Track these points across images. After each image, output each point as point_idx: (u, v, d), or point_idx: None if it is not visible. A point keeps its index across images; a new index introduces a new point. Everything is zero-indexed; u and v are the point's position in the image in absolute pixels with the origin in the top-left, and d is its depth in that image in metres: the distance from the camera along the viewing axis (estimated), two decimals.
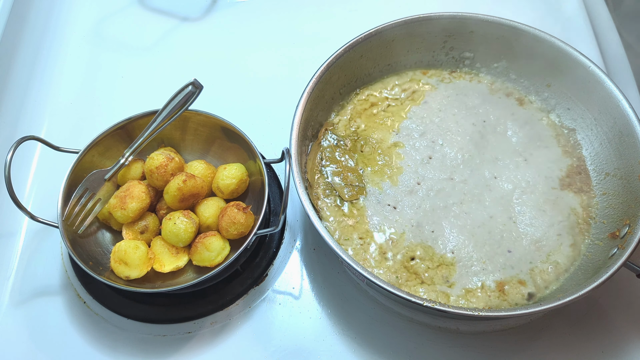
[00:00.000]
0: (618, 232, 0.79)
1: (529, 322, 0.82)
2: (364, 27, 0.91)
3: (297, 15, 1.15)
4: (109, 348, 0.81)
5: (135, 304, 0.83)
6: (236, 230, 0.79)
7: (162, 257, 0.79)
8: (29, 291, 0.86)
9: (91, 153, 0.84)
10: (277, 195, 0.91)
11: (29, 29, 1.10)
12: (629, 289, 0.84)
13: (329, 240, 0.73)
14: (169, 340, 0.82)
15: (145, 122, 0.84)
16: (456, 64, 0.99)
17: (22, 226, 0.91)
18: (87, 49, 1.12)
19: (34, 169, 0.96)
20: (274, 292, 0.85)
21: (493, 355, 0.80)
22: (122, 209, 0.79)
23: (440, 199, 0.87)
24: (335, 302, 0.84)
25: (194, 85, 0.80)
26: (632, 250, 0.72)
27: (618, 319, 0.82)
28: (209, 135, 0.89)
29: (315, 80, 0.86)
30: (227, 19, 1.15)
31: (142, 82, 1.07)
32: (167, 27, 1.14)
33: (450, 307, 0.69)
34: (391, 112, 0.95)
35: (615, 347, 0.81)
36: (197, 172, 0.84)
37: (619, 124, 0.84)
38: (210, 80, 0.86)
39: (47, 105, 1.04)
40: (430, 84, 0.98)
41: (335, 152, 0.91)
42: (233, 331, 0.82)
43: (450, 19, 0.93)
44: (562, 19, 1.10)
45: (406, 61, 0.99)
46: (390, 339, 0.81)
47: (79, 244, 0.79)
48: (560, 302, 0.69)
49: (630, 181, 0.81)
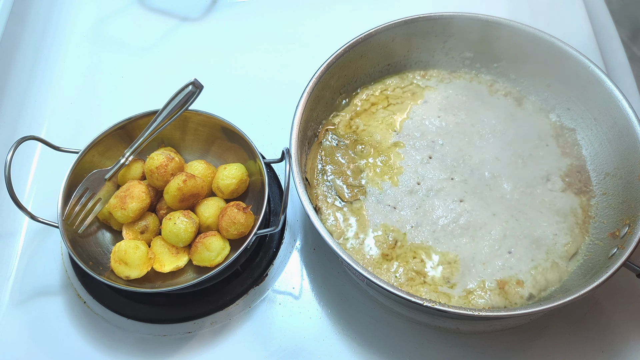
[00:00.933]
0: (618, 232, 0.79)
1: (529, 322, 0.82)
2: (364, 27, 0.91)
3: (297, 15, 1.15)
4: (109, 348, 0.81)
5: (136, 304, 0.83)
6: (236, 230, 0.79)
7: (162, 257, 0.79)
8: (29, 291, 0.86)
9: (91, 153, 0.84)
10: (277, 195, 0.91)
11: (29, 29, 1.10)
12: (628, 289, 0.84)
13: (329, 240, 0.73)
14: (169, 340, 0.82)
15: (145, 122, 0.84)
16: (456, 64, 0.99)
17: (22, 226, 0.91)
18: (87, 49, 1.12)
19: (34, 169, 0.97)
20: (274, 292, 0.85)
21: (493, 355, 0.80)
22: (122, 209, 0.79)
23: (441, 198, 0.87)
24: (335, 302, 0.84)
25: (194, 85, 0.80)
26: (632, 250, 0.72)
27: (618, 319, 0.82)
28: (209, 135, 0.89)
29: (315, 80, 0.86)
30: (227, 19, 1.15)
31: (142, 82, 1.07)
32: (167, 27, 1.14)
33: (450, 307, 0.69)
34: (391, 112, 0.95)
35: (615, 347, 0.81)
36: (197, 172, 0.84)
37: (618, 124, 0.84)
38: (210, 80, 0.86)
39: (47, 105, 1.04)
40: (430, 84, 0.98)
41: (336, 152, 0.91)
42: (233, 331, 0.82)
43: (450, 19, 0.93)
44: (562, 18, 1.10)
45: (406, 61, 0.99)
46: (390, 339, 0.81)
47: (79, 244, 0.79)
48: (560, 302, 0.69)
49: (630, 181, 0.81)
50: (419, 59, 0.99)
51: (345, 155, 0.91)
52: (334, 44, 0.90)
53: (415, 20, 0.93)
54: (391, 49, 0.95)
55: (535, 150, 0.91)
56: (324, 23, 1.13)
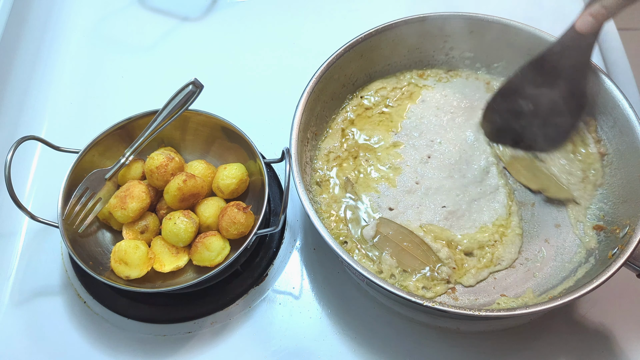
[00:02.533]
0: (619, 230, 0.79)
1: (529, 322, 0.82)
2: (364, 27, 0.91)
3: (297, 15, 1.15)
4: (109, 348, 0.81)
5: (136, 304, 0.83)
6: (236, 230, 0.79)
7: (162, 257, 0.79)
8: (29, 291, 0.86)
9: (91, 153, 0.84)
10: (277, 195, 0.91)
11: (29, 29, 1.10)
12: (628, 289, 0.84)
13: (329, 240, 0.73)
14: (169, 340, 0.82)
15: (145, 122, 0.84)
16: (456, 64, 0.99)
17: (22, 226, 0.91)
18: (87, 48, 1.12)
19: (34, 169, 0.96)
20: (274, 292, 0.85)
21: (493, 355, 0.80)
22: (122, 208, 0.79)
23: (440, 197, 0.87)
24: (335, 302, 0.84)
25: (194, 84, 0.80)
26: (632, 250, 0.72)
27: (618, 319, 0.82)
28: (209, 135, 0.89)
29: (315, 80, 0.86)
30: (227, 19, 1.15)
31: (142, 82, 1.07)
32: (167, 27, 1.14)
33: (450, 307, 0.69)
34: (390, 112, 0.95)
35: (615, 347, 0.81)
36: (197, 172, 0.84)
37: (619, 124, 0.84)
38: (210, 80, 0.86)
39: (47, 105, 1.04)
40: (429, 83, 0.98)
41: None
42: (233, 331, 0.82)
43: (451, 19, 0.93)
44: (562, 19, 1.10)
45: (406, 61, 0.98)
46: (391, 339, 0.81)
47: (79, 244, 0.79)
48: (560, 302, 0.69)
49: (630, 181, 0.81)
50: (419, 59, 0.99)
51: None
52: (334, 43, 0.90)
53: (415, 20, 0.93)
54: (391, 49, 0.95)
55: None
56: (324, 23, 1.13)
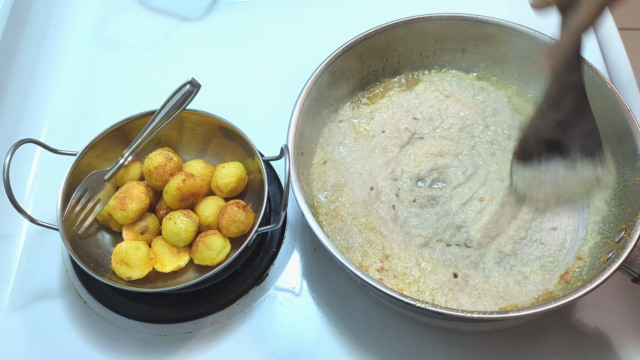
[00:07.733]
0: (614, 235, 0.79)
1: (529, 322, 0.82)
2: (364, 27, 0.91)
3: (297, 15, 1.15)
4: (109, 348, 0.81)
5: (136, 304, 0.83)
6: (237, 229, 0.79)
7: (163, 257, 0.79)
8: (29, 293, 0.85)
9: (89, 155, 0.84)
10: (277, 194, 0.91)
11: (29, 29, 1.10)
12: (624, 294, 0.84)
13: (324, 240, 0.73)
14: (170, 340, 0.82)
15: (142, 122, 0.83)
16: (455, 64, 0.99)
17: (22, 228, 0.91)
18: (87, 49, 1.12)
19: (33, 172, 0.96)
20: (274, 292, 0.85)
21: (493, 355, 0.80)
22: (121, 210, 0.79)
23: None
24: (335, 302, 0.84)
25: (191, 84, 0.80)
26: (627, 255, 0.72)
27: (616, 321, 0.82)
28: (206, 134, 0.89)
29: (314, 79, 0.87)
30: (227, 19, 1.15)
31: (142, 82, 1.07)
32: (167, 27, 1.14)
33: (442, 309, 0.69)
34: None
35: (615, 347, 0.81)
36: (195, 171, 0.83)
37: (617, 128, 0.83)
38: (210, 80, 0.86)
39: (47, 106, 1.04)
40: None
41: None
42: (233, 331, 0.82)
43: (451, 19, 0.93)
44: None
45: (405, 61, 0.98)
46: (391, 339, 0.81)
47: (80, 246, 0.79)
48: (560, 302, 0.69)
49: (628, 185, 0.81)
50: (418, 59, 0.99)
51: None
52: (334, 44, 0.90)
53: (415, 20, 0.93)
54: (391, 49, 0.95)
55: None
56: (324, 23, 1.13)
